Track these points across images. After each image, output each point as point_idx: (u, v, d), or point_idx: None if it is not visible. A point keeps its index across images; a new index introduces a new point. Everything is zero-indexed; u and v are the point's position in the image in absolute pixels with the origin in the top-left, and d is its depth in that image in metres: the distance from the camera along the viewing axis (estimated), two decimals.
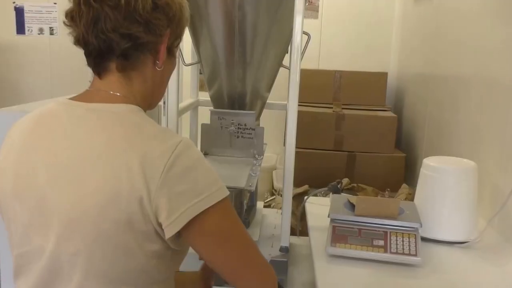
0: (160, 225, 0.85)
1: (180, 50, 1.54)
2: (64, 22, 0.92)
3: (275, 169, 3.53)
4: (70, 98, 0.94)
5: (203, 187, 0.86)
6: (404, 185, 2.52)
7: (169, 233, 0.85)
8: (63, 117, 0.91)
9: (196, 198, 0.85)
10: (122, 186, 0.82)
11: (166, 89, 1.56)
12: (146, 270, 0.88)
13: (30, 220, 0.89)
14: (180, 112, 1.67)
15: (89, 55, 0.93)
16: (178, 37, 1.00)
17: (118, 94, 0.93)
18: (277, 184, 3.27)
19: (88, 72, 0.99)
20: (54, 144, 0.89)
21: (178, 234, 0.86)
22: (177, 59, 1.12)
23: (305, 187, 2.64)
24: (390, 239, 1.38)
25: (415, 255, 1.34)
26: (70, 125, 0.90)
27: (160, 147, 0.85)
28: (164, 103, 1.60)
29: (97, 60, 0.92)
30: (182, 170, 0.85)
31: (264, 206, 2.26)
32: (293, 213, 2.03)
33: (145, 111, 0.98)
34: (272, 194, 3.26)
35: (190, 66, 1.90)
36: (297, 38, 1.44)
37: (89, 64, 0.95)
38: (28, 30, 3.81)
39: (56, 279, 0.89)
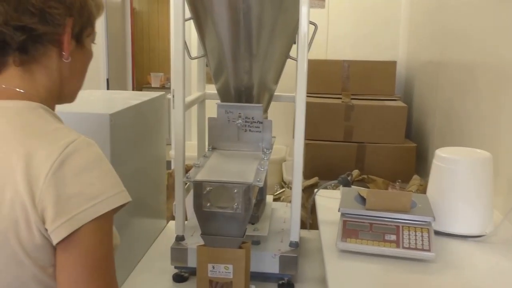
0: (47, 231, 0.79)
1: (186, 43, 1.51)
2: None
3: (285, 161, 3.50)
4: None
5: (99, 191, 0.80)
6: (415, 176, 2.48)
7: (56, 238, 0.78)
8: None
9: (91, 201, 0.79)
10: (4, 191, 0.77)
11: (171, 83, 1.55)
12: (42, 280, 0.82)
13: None
14: (187, 106, 1.64)
15: None
16: (86, 26, 0.94)
17: (20, 90, 0.87)
18: (286, 176, 3.24)
19: None
20: None
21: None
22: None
23: (315, 179, 2.61)
24: (403, 234, 1.35)
25: (428, 250, 1.31)
26: None
27: (48, 146, 0.79)
28: (173, 96, 1.58)
29: None
30: (73, 171, 0.79)
31: (274, 199, 2.23)
32: (303, 206, 2.00)
33: (54, 106, 0.94)
34: (282, 187, 3.24)
35: (196, 60, 1.87)
36: (304, 28, 1.41)
37: None
38: None
39: None
